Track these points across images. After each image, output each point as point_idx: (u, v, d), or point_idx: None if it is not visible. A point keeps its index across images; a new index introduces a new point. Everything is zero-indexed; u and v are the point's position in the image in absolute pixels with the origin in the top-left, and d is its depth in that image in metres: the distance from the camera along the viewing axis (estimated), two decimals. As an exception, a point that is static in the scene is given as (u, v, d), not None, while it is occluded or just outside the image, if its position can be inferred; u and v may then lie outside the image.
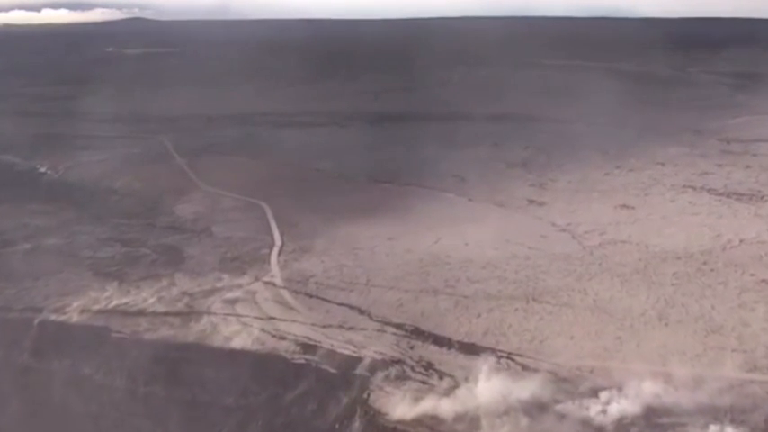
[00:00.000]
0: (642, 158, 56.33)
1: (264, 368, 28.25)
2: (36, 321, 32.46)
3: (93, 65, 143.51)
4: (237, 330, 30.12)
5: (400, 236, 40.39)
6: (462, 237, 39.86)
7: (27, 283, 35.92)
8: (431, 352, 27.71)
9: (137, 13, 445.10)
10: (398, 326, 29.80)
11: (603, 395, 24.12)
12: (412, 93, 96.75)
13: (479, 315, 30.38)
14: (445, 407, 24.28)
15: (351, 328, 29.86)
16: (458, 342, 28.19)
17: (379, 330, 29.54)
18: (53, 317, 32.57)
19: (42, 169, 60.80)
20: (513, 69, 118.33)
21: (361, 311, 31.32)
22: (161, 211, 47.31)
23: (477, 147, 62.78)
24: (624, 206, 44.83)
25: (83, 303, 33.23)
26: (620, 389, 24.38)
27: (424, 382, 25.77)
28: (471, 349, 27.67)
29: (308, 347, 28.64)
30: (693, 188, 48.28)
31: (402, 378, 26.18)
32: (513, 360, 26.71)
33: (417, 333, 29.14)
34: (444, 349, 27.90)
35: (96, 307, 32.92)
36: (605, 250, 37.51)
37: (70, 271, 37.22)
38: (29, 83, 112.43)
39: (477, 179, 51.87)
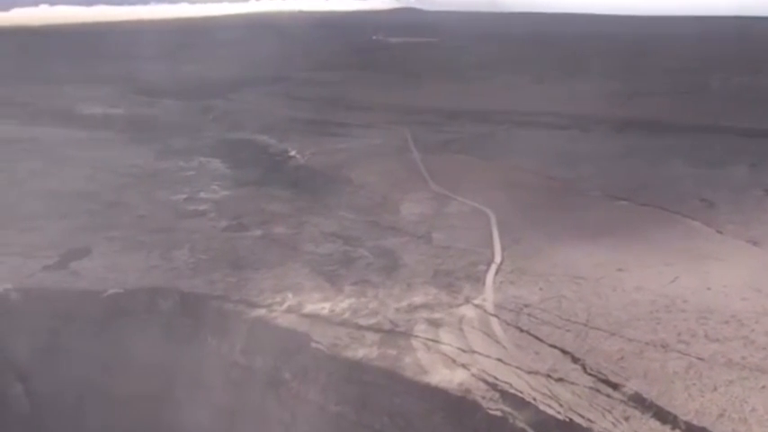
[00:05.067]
0: None
1: (457, 411, 24.25)
2: (247, 316, 31.00)
3: (357, 52, 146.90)
4: (435, 362, 26.32)
5: (631, 267, 34.27)
6: (704, 278, 32.85)
7: (248, 273, 34.79)
8: (650, 430, 22.17)
9: (411, 3, 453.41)
10: (615, 386, 24.25)
11: None
12: (664, 98, 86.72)
13: (715, 388, 24.04)
14: None
15: (560, 380, 24.89)
16: (684, 422, 22.07)
17: (591, 388, 24.28)
18: (264, 313, 30.95)
19: (291, 153, 60.96)
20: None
21: (575, 359, 26.13)
22: (387, 208, 44.71)
23: (731, 166, 53.58)
24: None
25: (292, 304, 31.26)
26: None
27: (636, 473, 20.50)
28: (701, 435, 21.79)
29: (508, 396, 24.18)
30: None
31: (611, 459, 21.09)
32: (754, 462, 20.56)
33: (637, 400, 23.46)
34: (667, 429, 22.15)
35: (304, 310, 30.74)
36: None
37: (289, 266, 35.55)
38: (298, 67, 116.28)
39: (728, 206, 43.57)
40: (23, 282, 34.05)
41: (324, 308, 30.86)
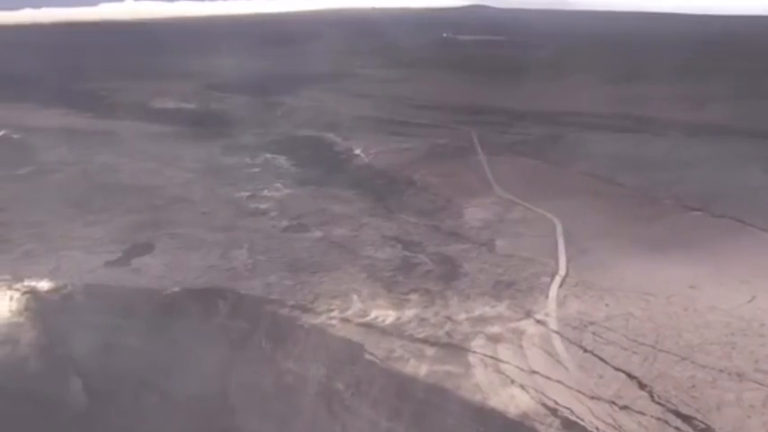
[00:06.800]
0: None
1: (514, 437, 22.64)
2: (302, 323, 29.81)
3: (425, 49, 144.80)
4: (493, 382, 24.62)
5: (704, 285, 31.68)
6: (784, 299, 30.25)
7: (304, 276, 33.67)
8: (724, 472, 20.05)
9: (483, 0, 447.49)
10: (685, 419, 22.14)
11: None
12: (739, 102, 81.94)
13: (798, 426, 21.76)
14: None
15: (624, 408, 22.87)
16: (762, 466, 20.14)
17: (659, 420, 22.17)
18: (319, 321, 29.72)
19: (356, 151, 59.68)
20: None
21: (642, 385, 24.03)
22: (450, 212, 42.99)
23: (814, 177, 49.91)
24: None
25: (348, 313, 29.94)
26: None
27: None
28: (781, 482, 19.54)
29: (568, 424, 22.32)
30: None
31: (680, 504, 19.06)
32: None
33: (708, 436, 21.48)
34: (743, 471, 20.05)
35: (359, 319, 29.41)
36: None
37: (346, 270, 34.29)
38: (365, 64, 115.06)
39: (812, 220, 40.36)
40: (84, 277, 33.75)
41: (379, 316, 29.45)
